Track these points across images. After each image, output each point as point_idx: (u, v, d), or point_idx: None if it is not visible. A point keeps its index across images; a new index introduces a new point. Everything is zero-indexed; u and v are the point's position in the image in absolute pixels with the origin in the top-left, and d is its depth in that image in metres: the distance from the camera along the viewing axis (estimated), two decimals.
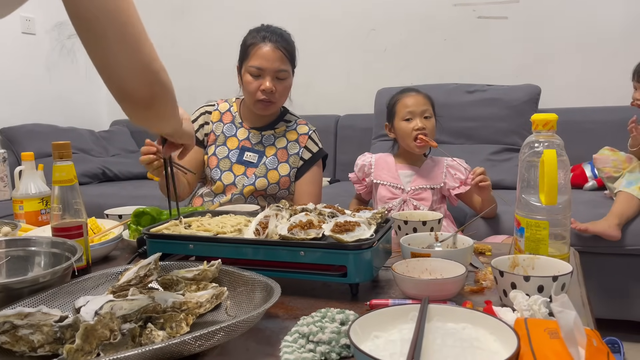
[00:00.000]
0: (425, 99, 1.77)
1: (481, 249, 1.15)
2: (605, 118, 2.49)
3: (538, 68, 2.78)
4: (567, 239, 0.97)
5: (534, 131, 0.99)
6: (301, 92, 3.27)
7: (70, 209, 1.03)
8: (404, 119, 1.77)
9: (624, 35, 2.66)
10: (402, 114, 1.77)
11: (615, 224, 1.84)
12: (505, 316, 0.73)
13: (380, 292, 0.93)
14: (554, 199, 0.93)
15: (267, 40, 1.61)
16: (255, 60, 1.60)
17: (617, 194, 1.90)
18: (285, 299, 0.86)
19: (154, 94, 0.74)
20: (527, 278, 0.80)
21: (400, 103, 1.79)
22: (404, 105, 1.78)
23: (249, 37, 1.65)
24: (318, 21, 3.19)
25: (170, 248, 0.98)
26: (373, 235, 0.90)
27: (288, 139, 1.71)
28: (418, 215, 1.27)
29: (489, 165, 2.47)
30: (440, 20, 2.95)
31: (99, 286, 0.86)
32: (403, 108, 1.77)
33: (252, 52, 1.61)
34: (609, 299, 1.94)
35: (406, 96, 1.79)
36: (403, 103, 1.78)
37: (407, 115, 1.76)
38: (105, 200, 2.31)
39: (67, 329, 0.67)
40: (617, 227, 1.84)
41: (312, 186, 1.71)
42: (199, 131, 1.73)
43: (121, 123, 3.59)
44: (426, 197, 1.74)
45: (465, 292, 0.91)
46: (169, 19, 3.51)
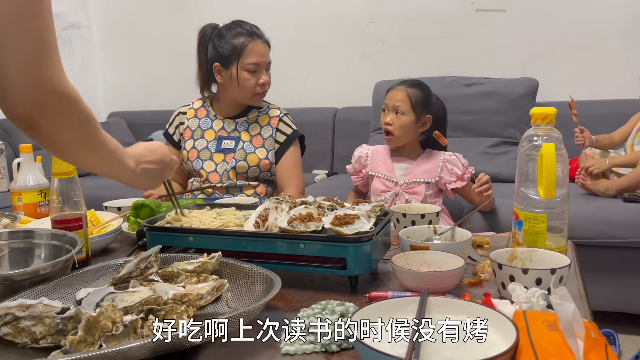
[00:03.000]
0: (404, 94, 1.75)
1: (479, 242, 1.16)
2: (602, 112, 2.50)
3: (536, 61, 2.78)
4: (565, 232, 0.98)
5: (532, 125, 0.99)
6: (299, 85, 3.29)
7: (70, 201, 1.03)
8: (382, 110, 1.80)
9: (621, 30, 2.66)
10: (384, 106, 1.79)
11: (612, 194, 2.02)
12: (504, 308, 0.74)
13: (380, 284, 0.94)
14: (552, 193, 0.94)
15: (255, 37, 1.68)
16: (251, 57, 1.66)
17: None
18: (285, 291, 0.86)
19: (34, 113, 0.67)
20: (525, 271, 0.81)
21: (386, 95, 1.81)
22: (386, 98, 1.80)
23: (232, 37, 1.67)
24: (316, 14, 3.18)
25: (170, 240, 0.98)
26: (372, 228, 0.91)
27: (260, 124, 1.76)
28: (417, 208, 1.28)
29: (486, 159, 2.48)
30: (439, 13, 2.94)
31: (100, 278, 0.87)
32: (385, 100, 1.79)
33: (246, 50, 1.66)
34: (605, 291, 1.95)
35: (391, 89, 1.80)
36: (387, 95, 1.80)
37: (384, 107, 1.79)
38: (104, 192, 2.29)
39: (68, 321, 0.68)
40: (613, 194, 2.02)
41: (292, 168, 1.76)
42: (175, 133, 1.82)
43: (118, 115, 3.59)
44: (419, 191, 1.74)
45: (463, 285, 0.92)
46: (168, 12, 3.50)
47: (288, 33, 3.21)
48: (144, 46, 3.61)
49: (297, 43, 3.23)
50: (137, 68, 3.65)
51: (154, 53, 3.58)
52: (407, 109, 1.74)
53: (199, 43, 1.74)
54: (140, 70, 3.64)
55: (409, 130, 1.75)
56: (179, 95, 2.50)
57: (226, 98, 1.76)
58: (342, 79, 3.18)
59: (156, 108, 3.48)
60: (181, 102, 1.89)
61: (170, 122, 1.85)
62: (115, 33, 3.68)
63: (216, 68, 1.70)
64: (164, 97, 3.44)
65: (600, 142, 2.18)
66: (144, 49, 3.62)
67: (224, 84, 1.71)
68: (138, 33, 3.62)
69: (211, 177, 1.72)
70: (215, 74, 1.71)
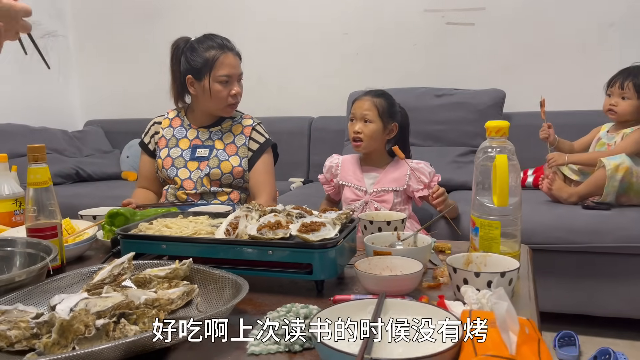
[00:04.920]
0: (371, 104, 1.83)
1: (441, 248, 1.22)
2: (567, 122, 2.60)
3: (503, 73, 2.88)
4: (518, 238, 1.05)
5: (487, 137, 1.06)
6: (276, 94, 3.34)
7: (45, 211, 1.06)
8: (350, 120, 1.87)
9: (584, 43, 2.78)
10: (352, 115, 1.87)
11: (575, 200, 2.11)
12: (455, 309, 0.80)
13: (345, 288, 0.99)
14: (506, 201, 1.00)
15: (226, 50, 1.72)
16: (223, 69, 1.71)
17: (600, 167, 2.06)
18: (254, 295, 0.91)
19: None
20: (477, 274, 0.87)
21: (353, 105, 1.89)
22: (353, 108, 1.88)
23: (204, 50, 1.72)
24: (293, 25, 3.24)
25: (143, 248, 1.02)
26: (337, 235, 0.96)
27: (234, 133, 1.81)
28: (383, 215, 1.33)
29: (456, 167, 2.56)
30: (410, 26, 3.03)
31: (74, 285, 0.90)
32: (353, 110, 1.87)
33: (217, 63, 1.70)
34: (566, 294, 2.04)
35: (358, 99, 1.88)
36: (354, 105, 1.88)
37: (352, 117, 1.87)
38: (79, 200, 2.31)
39: (43, 325, 0.71)
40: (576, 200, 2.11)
41: (265, 175, 1.80)
42: (150, 142, 1.86)
43: (95, 123, 3.58)
44: (387, 199, 1.81)
45: (423, 288, 0.97)
46: (145, 22, 3.53)
47: (265, 43, 3.27)
48: (121, 55, 3.62)
49: (273, 53, 3.29)
50: (114, 77, 3.66)
51: (131, 62, 3.60)
52: (375, 117, 1.81)
53: (172, 56, 1.78)
54: (116, 79, 3.65)
55: (376, 138, 1.83)
56: (155, 104, 2.53)
57: (200, 109, 1.80)
58: (318, 89, 3.24)
59: (133, 116, 3.49)
60: (158, 111, 1.93)
61: (145, 131, 1.88)
62: (92, 42, 3.68)
63: (189, 80, 1.74)
64: (141, 105, 3.46)
65: (561, 145, 2.29)
66: (121, 58, 3.63)
67: (197, 95, 1.76)
68: (114, 42, 3.63)
69: (185, 184, 1.75)
70: (189, 86, 1.75)
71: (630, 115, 2.14)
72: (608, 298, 1.99)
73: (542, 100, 2.26)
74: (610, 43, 2.73)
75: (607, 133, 2.25)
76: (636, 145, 2.08)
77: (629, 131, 2.13)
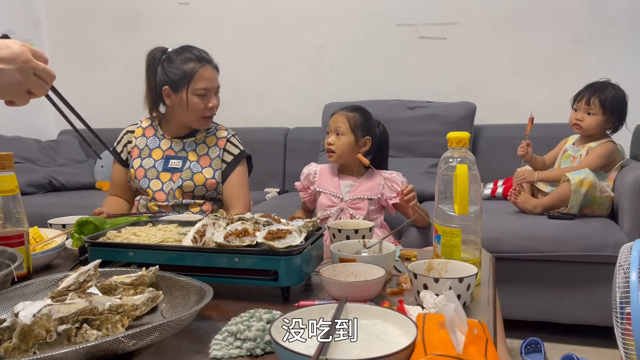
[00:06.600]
0: (344, 118, 1.90)
1: (407, 255, 1.25)
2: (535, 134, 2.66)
3: (474, 86, 2.96)
4: (479, 245, 1.08)
5: (449, 147, 1.10)
6: (253, 105, 3.36)
7: (12, 218, 1.06)
8: (326, 133, 1.95)
9: (552, 57, 2.87)
10: (327, 129, 1.94)
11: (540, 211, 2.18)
12: (414, 313, 0.82)
13: (310, 294, 1.01)
14: (466, 209, 1.04)
15: (205, 62, 1.72)
16: (201, 82, 1.70)
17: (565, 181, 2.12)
18: (220, 302, 0.93)
19: None
20: (436, 280, 0.90)
21: (330, 119, 1.97)
22: (330, 122, 1.95)
23: (182, 62, 1.71)
24: (270, 36, 3.28)
25: (111, 255, 1.02)
26: (303, 242, 0.98)
27: (208, 145, 1.82)
28: (352, 224, 1.36)
29: (427, 177, 2.61)
30: (384, 40, 3.09)
31: (39, 292, 0.90)
32: (329, 123, 1.95)
33: (196, 76, 1.70)
34: (532, 301, 2.08)
35: (334, 114, 1.95)
36: (330, 119, 1.96)
37: (327, 130, 1.94)
38: (51, 210, 2.29)
39: (5, 331, 0.71)
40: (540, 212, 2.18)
41: (239, 187, 1.81)
42: (123, 151, 1.84)
43: (69, 132, 3.55)
44: (362, 207, 1.85)
45: (386, 294, 1.00)
46: (117, 32, 3.53)
47: (242, 54, 3.30)
48: (96, 65, 3.61)
49: (250, 65, 3.32)
50: (89, 86, 3.63)
51: (106, 71, 3.59)
52: (346, 130, 1.87)
53: (148, 66, 1.78)
54: (91, 89, 3.63)
55: (348, 150, 1.88)
56: (130, 114, 2.52)
57: (175, 119, 1.80)
58: (294, 100, 3.28)
59: (108, 126, 3.46)
60: (133, 121, 1.92)
61: (118, 140, 1.87)
62: (67, 51, 3.66)
63: (165, 91, 1.73)
64: (116, 115, 3.43)
65: (535, 162, 2.36)
66: (96, 68, 3.61)
67: (174, 107, 1.75)
68: (90, 51, 3.62)
69: (157, 195, 1.75)
70: (165, 97, 1.74)
71: (595, 130, 2.21)
72: (572, 305, 2.04)
73: (531, 117, 2.30)
74: (577, 58, 2.83)
75: (573, 145, 2.32)
76: (600, 160, 2.16)
77: (594, 145, 2.21)
